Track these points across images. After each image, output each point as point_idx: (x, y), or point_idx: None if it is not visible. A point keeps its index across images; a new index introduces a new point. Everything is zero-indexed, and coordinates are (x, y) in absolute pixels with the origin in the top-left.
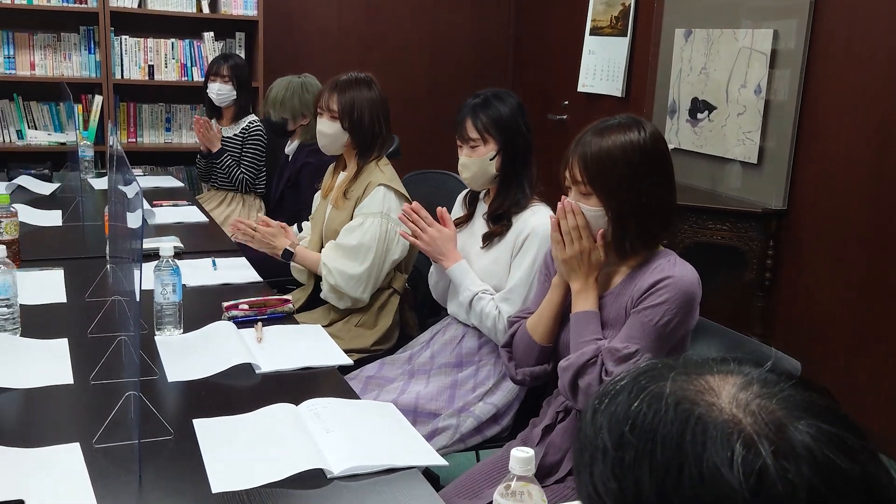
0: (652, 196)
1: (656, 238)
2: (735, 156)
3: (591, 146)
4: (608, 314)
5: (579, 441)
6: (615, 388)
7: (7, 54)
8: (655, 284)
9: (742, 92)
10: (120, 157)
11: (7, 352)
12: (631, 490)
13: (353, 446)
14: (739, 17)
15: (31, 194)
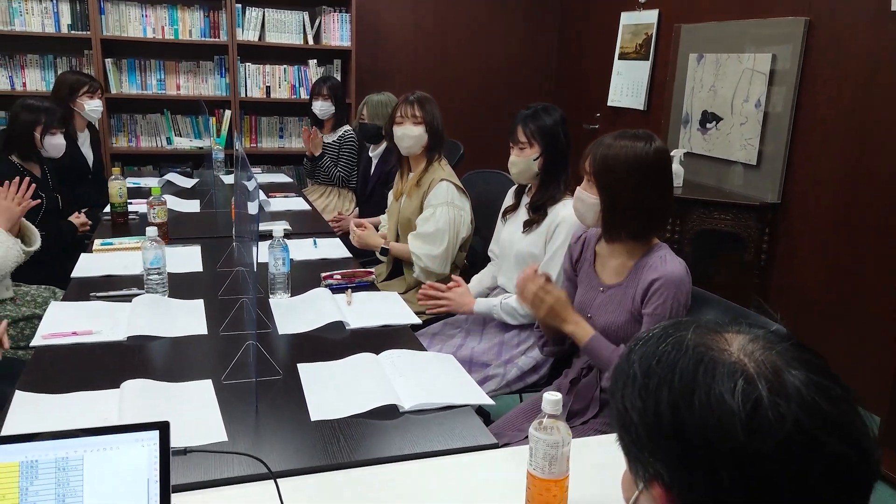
0: (644, 198)
1: (646, 233)
2: (738, 158)
3: (603, 147)
4: (616, 301)
5: (615, 373)
6: (648, 336)
7: (159, 78)
8: (653, 284)
9: (745, 105)
10: (243, 158)
11: (158, 309)
12: (652, 408)
13: (420, 388)
14: (743, 43)
15: (176, 187)
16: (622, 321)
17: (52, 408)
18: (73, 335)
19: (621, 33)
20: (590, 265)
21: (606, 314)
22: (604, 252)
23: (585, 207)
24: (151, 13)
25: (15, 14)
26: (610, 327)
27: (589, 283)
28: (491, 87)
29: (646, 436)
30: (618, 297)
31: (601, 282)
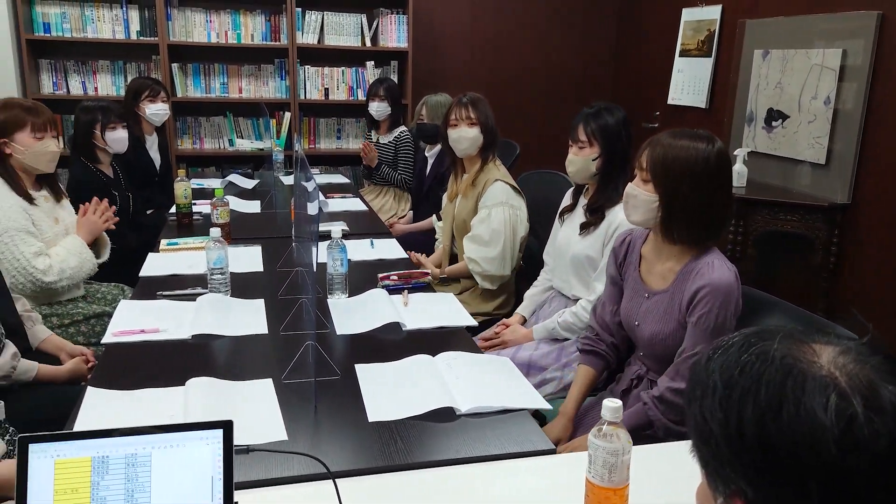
0: (704, 200)
1: (704, 238)
2: (805, 157)
3: (662, 143)
4: (662, 309)
5: (692, 381)
6: (727, 344)
7: (222, 82)
8: (698, 292)
9: (813, 103)
10: (303, 160)
11: (221, 307)
12: (735, 421)
13: (477, 391)
14: (812, 39)
15: (237, 188)
16: (670, 329)
17: (121, 404)
18: (141, 333)
19: (682, 30)
20: (635, 269)
21: (653, 322)
22: (650, 255)
23: (636, 203)
24: (215, 18)
25: (87, 21)
26: (657, 336)
27: (634, 288)
28: (547, 86)
29: (727, 449)
30: (664, 304)
31: (647, 287)
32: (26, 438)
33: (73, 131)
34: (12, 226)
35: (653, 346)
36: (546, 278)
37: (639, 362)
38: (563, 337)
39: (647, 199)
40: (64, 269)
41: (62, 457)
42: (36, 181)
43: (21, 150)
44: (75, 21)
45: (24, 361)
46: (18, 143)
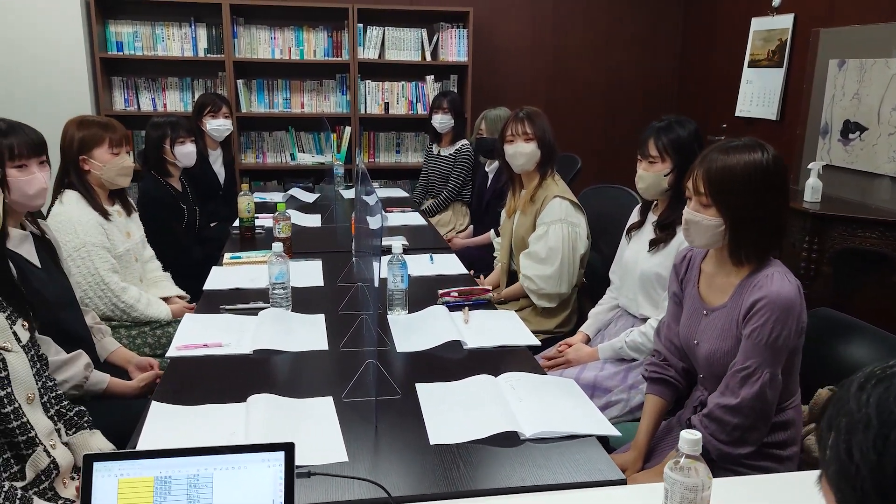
0: (768, 211)
1: (768, 250)
2: (885, 171)
3: (716, 162)
4: (719, 326)
5: (835, 405)
6: (886, 374)
7: (285, 97)
8: (755, 304)
9: (893, 114)
10: (364, 174)
11: (281, 322)
12: (892, 466)
13: (542, 414)
14: (891, 47)
15: (298, 202)
16: (728, 347)
17: (184, 419)
18: (204, 347)
19: (752, 39)
20: (693, 285)
21: (711, 340)
22: (710, 270)
23: (702, 230)
24: (279, 35)
25: (158, 40)
26: (715, 353)
27: (693, 305)
28: (609, 99)
29: (876, 495)
30: (722, 320)
31: (705, 304)
32: (91, 457)
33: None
34: (89, 240)
35: (711, 366)
36: (612, 297)
37: (700, 387)
38: (630, 357)
39: (711, 224)
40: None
41: (126, 476)
42: (108, 196)
43: (98, 166)
44: (146, 39)
45: (96, 373)
46: (96, 159)
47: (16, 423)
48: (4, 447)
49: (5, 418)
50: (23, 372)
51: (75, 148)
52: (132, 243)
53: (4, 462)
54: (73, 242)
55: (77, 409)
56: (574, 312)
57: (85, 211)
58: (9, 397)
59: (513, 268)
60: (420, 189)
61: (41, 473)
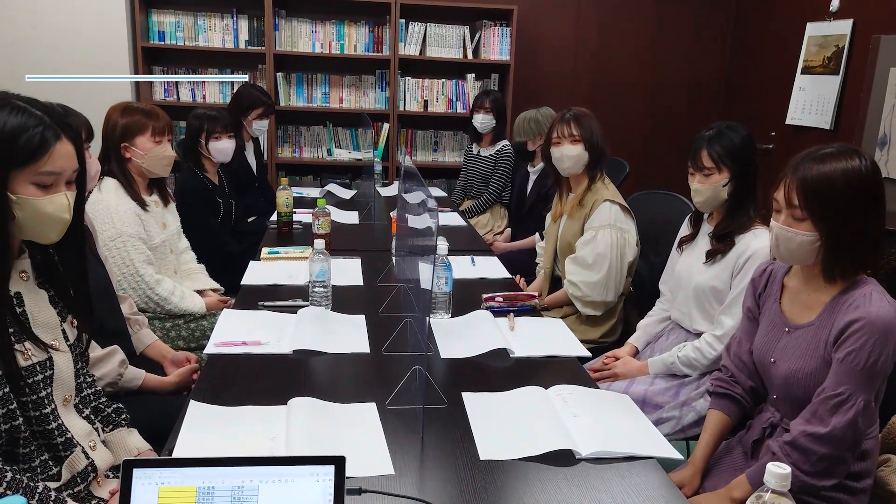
0: (866, 223)
1: (864, 266)
2: None
3: (812, 171)
4: (804, 345)
5: None
6: None
7: (324, 91)
8: (851, 324)
9: None
10: (413, 171)
11: (322, 322)
12: None
13: (598, 432)
14: None
15: (336, 198)
16: (812, 368)
17: (223, 421)
18: (242, 345)
19: (806, 45)
20: (775, 301)
21: (792, 359)
22: (795, 285)
23: (795, 246)
24: (321, 29)
25: (200, 31)
26: (797, 374)
27: (772, 321)
28: (657, 103)
29: None
30: (807, 340)
31: (787, 320)
32: (131, 463)
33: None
34: (126, 231)
35: (789, 387)
36: (662, 309)
37: (771, 408)
38: (682, 373)
39: (806, 239)
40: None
41: (167, 485)
42: (147, 185)
43: (140, 154)
44: (188, 30)
45: (132, 369)
46: (138, 147)
47: (53, 423)
48: (42, 449)
49: (44, 419)
50: (66, 373)
51: (118, 134)
52: (168, 234)
53: (42, 464)
54: (110, 232)
55: (115, 405)
56: (620, 322)
57: (123, 200)
58: (48, 398)
59: (556, 274)
60: (459, 189)
61: (77, 476)
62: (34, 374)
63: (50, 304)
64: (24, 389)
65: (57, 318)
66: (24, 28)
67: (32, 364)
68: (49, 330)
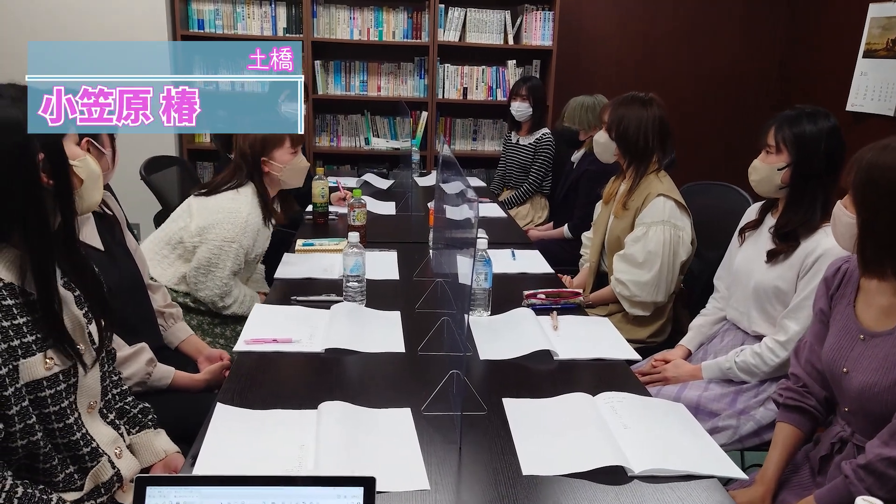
0: None
1: None
2: None
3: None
4: (881, 355)
5: None
6: None
7: (362, 79)
8: None
9: None
10: (451, 160)
11: (356, 319)
12: None
13: (653, 447)
14: None
15: (372, 188)
16: (890, 382)
17: (250, 426)
18: (273, 342)
19: (868, 27)
20: (848, 304)
21: (868, 371)
22: (871, 287)
23: (841, 227)
24: (359, 15)
25: (238, 18)
26: (872, 388)
27: (845, 326)
28: (706, 90)
29: None
30: (885, 350)
31: (862, 327)
32: (144, 480)
33: None
34: (242, 241)
35: (864, 402)
36: (717, 307)
37: (842, 421)
38: (739, 379)
39: (848, 221)
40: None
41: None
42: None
43: (278, 168)
44: (227, 18)
45: (160, 368)
46: (276, 160)
47: (78, 434)
48: (67, 462)
49: (68, 430)
50: (91, 378)
51: (258, 149)
52: (265, 247)
53: (67, 478)
54: (226, 234)
55: (141, 406)
56: (669, 322)
57: (254, 213)
58: (71, 407)
59: (602, 269)
60: (498, 179)
61: (101, 486)
62: (57, 384)
63: (76, 305)
64: (45, 401)
65: (83, 320)
66: (64, 17)
67: (55, 373)
68: (76, 333)
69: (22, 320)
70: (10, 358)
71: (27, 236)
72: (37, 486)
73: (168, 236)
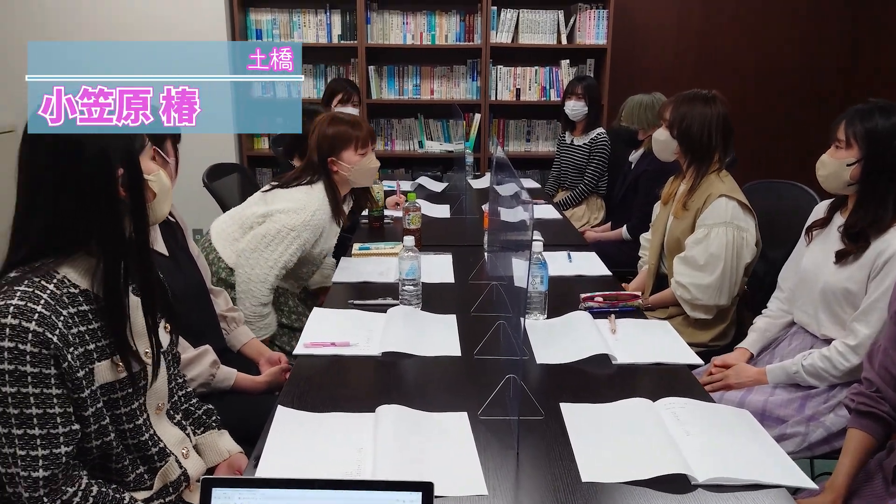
0: None
1: None
2: None
3: None
4: None
5: None
6: None
7: (415, 83)
8: None
9: None
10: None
11: (412, 322)
12: None
13: (717, 454)
14: None
15: (426, 191)
16: None
17: (310, 428)
18: (331, 346)
19: None
20: None
21: None
22: None
23: None
24: (412, 20)
25: (295, 27)
26: None
27: None
28: (769, 86)
29: None
30: None
31: None
32: (210, 482)
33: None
34: (302, 237)
35: None
36: (781, 309)
37: None
38: (806, 384)
39: None
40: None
41: None
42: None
43: (346, 168)
44: (284, 27)
45: (223, 369)
46: (345, 160)
47: (146, 434)
48: (137, 462)
49: (137, 431)
50: (159, 381)
51: (325, 148)
52: (332, 244)
53: (137, 478)
54: (289, 221)
55: (205, 407)
56: (732, 325)
57: (322, 210)
58: (141, 408)
59: (662, 271)
60: (552, 180)
61: (169, 485)
62: (128, 387)
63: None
64: (117, 403)
65: (150, 324)
66: (125, 28)
67: (126, 376)
68: (142, 338)
69: (96, 325)
70: (87, 361)
71: (104, 246)
72: (110, 486)
73: (241, 219)
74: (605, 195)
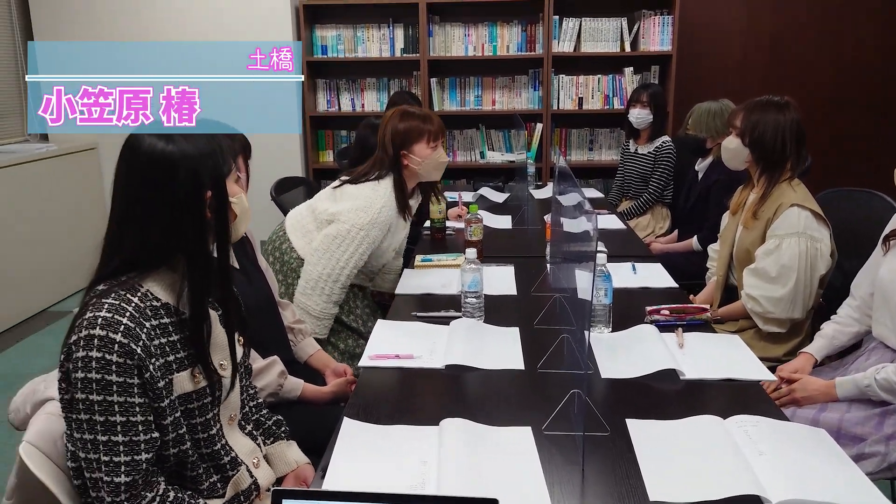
0: None
1: None
2: None
3: None
4: None
5: None
6: None
7: (477, 94)
8: None
9: None
10: (565, 172)
11: (475, 335)
12: None
13: (791, 475)
14: None
15: (488, 202)
16: None
17: (375, 440)
18: (395, 358)
19: None
20: None
21: None
22: None
23: None
24: (473, 32)
25: (359, 42)
26: None
27: None
28: (843, 90)
29: None
30: None
31: None
32: (281, 493)
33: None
34: (370, 235)
35: None
36: (851, 317)
37: None
38: (879, 398)
39: None
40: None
41: None
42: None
43: (417, 161)
44: (348, 42)
45: (291, 380)
46: (416, 154)
47: (219, 444)
48: (211, 471)
49: (210, 440)
50: (234, 392)
51: (397, 142)
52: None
53: (210, 486)
54: (359, 222)
55: (275, 418)
56: (808, 339)
57: (389, 206)
58: (215, 418)
59: (731, 283)
60: (616, 189)
61: (241, 494)
62: (204, 397)
63: (220, 323)
64: (193, 412)
65: (226, 337)
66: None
67: (203, 387)
68: (219, 350)
69: (176, 337)
70: (167, 372)
71: (190, 264)
72: (185, 492)
73: (314, 212)
74: (671, 204)
